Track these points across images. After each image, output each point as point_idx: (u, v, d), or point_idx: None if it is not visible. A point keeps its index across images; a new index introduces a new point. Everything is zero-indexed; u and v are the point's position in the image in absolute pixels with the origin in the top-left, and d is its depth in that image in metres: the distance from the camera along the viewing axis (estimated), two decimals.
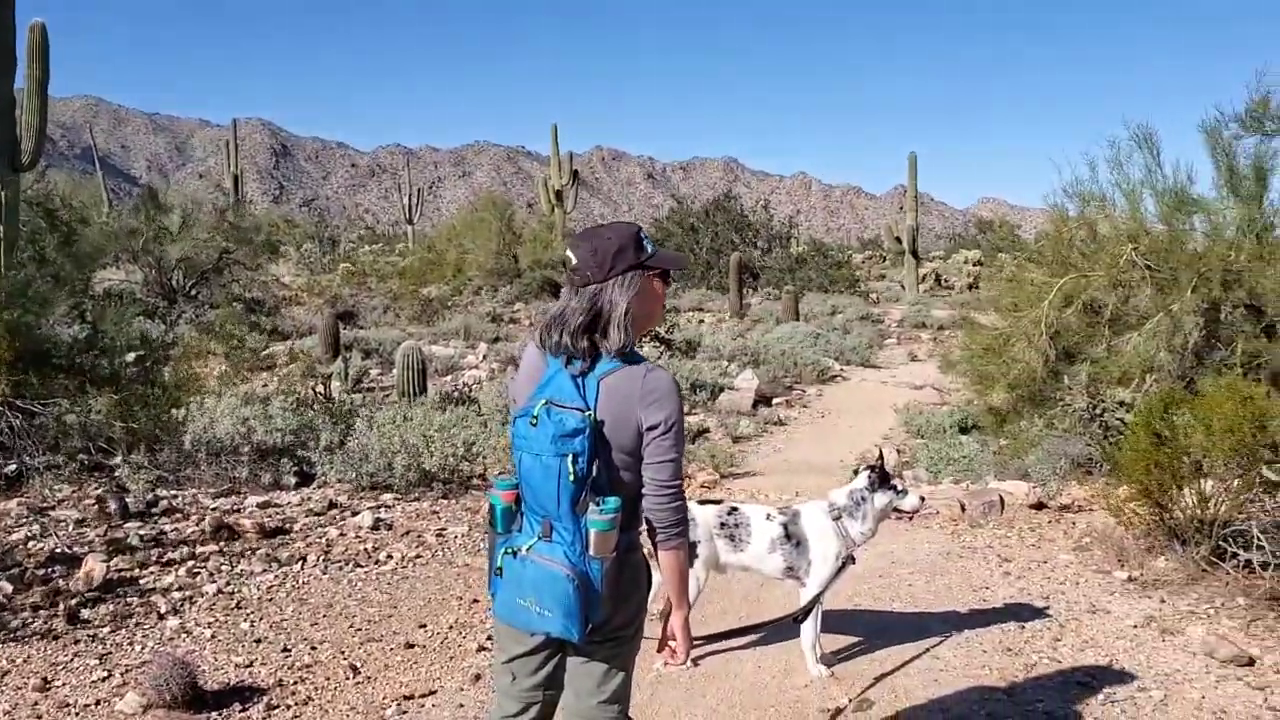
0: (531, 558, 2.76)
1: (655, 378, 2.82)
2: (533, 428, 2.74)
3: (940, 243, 68.66)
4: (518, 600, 2.79)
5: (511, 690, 3.02)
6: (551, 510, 2.75)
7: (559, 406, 2.74)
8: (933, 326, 28.03)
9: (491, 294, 29.55)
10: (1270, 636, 5.42)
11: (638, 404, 2.78)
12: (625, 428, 2.78)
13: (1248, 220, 9.99)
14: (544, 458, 2.72)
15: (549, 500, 2.74)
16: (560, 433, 2.70)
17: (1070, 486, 8.87)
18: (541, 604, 2.74)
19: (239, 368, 15.12)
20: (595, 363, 2.81)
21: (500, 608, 2.87)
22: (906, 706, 4.71)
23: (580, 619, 2.72)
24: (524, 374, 2.97)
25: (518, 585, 2.79)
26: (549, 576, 2.73)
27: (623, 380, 2.79)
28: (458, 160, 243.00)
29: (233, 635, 5.55)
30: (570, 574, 2.71)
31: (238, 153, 47.11)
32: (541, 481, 2.74)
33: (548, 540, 2.77)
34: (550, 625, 2.75)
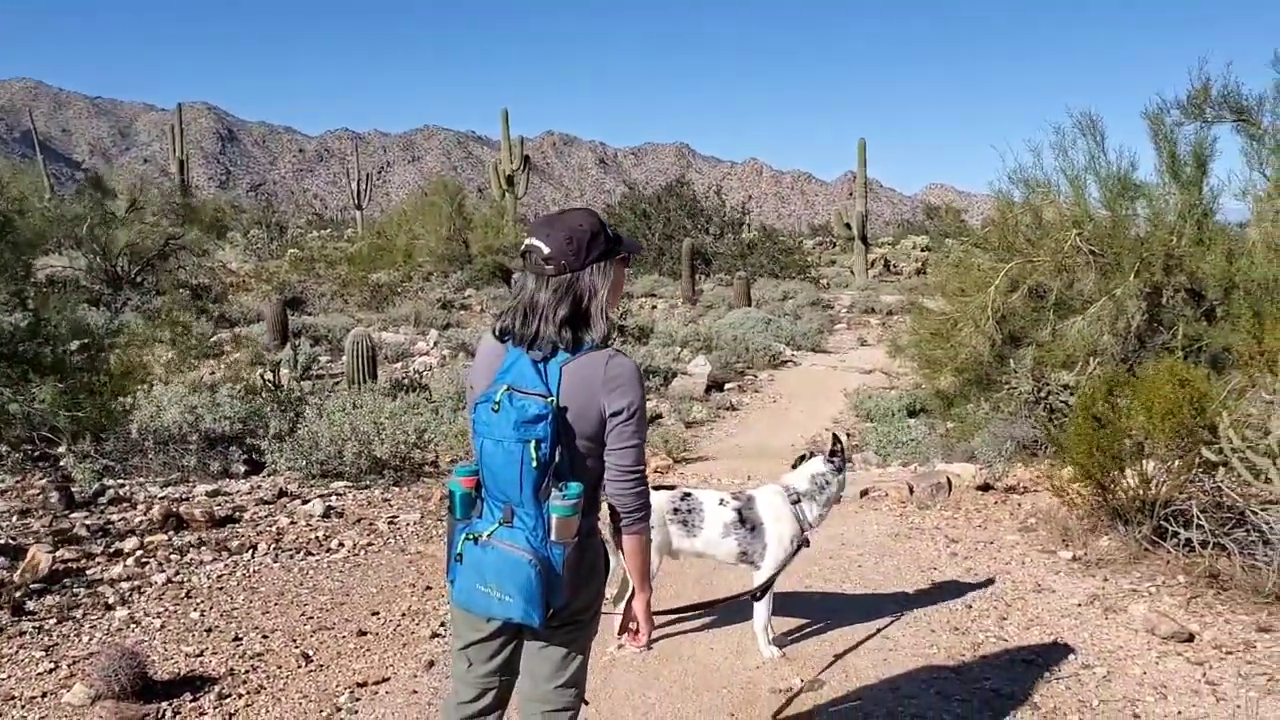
0: (493, 543, 2.75)
1: (618, 364, 2.80)
2: (494, 414, 2.72)
3: (889, 229, 69.25)
4: (478, 586, 2.78)
5: (468, 676, 3.04)
6: (513, 496, 2.74)
7: (521, 393, 2.72)
8: (882, 312, 28.28)
9: (442, 280, 29.32)
10: (1209, 613, 5.55)
11: (601, 390, 2.77)
12: (588, 414, 2.77)
13: (1188, 206, 10.18)
14: (506, 444, 2.71)
15: (511, 486, 2.73)
16: (522, 419, 2.68)
17: (1016, 468, 9.01)
18: (503, 590, 2.73)
19: (186, 355, 14.91)
20: (557, 349, 2.79)
21: (459, 594, 2.85)
22: (857, 686, 4.77)
23: (541, 604, 2.73)
24: (482, 362, 2.95)
25: (478, 571, 2.78)
26: (511, 562, 2.72)
27: (585, 366, 2.78)
28: (407, 145, 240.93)
29: (183, 625, 5.50)
30: (533, 559, 2.71)
31: (183, 137, 46.31)
32: (503, 467, 2.72)
33: (509, 526, 2.76)
34: (511, 611, 2.75)
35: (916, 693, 4.70)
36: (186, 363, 14.36)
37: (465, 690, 3.05)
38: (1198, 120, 10.35)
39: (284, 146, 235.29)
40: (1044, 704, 4.54)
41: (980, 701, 4.58)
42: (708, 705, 4.61)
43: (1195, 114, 10.35)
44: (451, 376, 13.73)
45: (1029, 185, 11.07)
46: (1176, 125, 10.40)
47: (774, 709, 4.54)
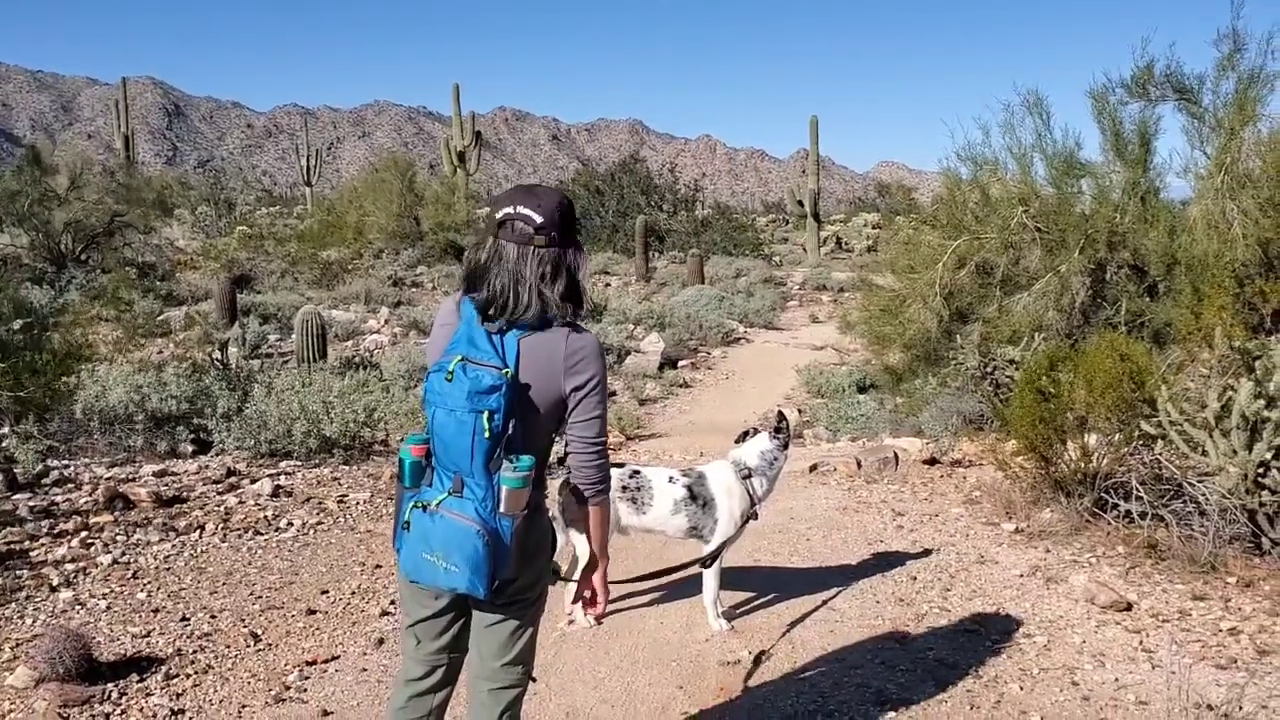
0: (441, 513, 2.72)
1: (580, 339, 2.80)
2: (448, 383, 2.69)
3: (841, 206, 69.59)
4: (424, 555, 2.74)
5: (417, 654, 3.04)
6: (464, 466, 2.71)
7: (475, 363, 2.69)
8: (833, 289, 28.44)
9: (393, 257, 29.09)
10: (1146, 582, 5.68)
11: (561, 365, 2.77)
12: (545, 388, 2.77)
13: (1132, 184, 10.33)
14: (458, 413, 2.68)
15: (462, 456, 2.70)
16: (476, 389, 2.65)
17: (961, 442, 9.13)
18: (449, 559, 2.70)
19: (132, 334, 14.69)
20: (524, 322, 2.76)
21: (406, 562, 2.81)
22: (804, 657, 4.84)
23: (487, 576, 2.70)
24: (439, 332, 2.93)
25: (425, 540, 2.74)
26: (459, 531, 2.69)
27: (545, 341, 2.77)
28: (357, 120, 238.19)
29: (129, 606, 5.45)
30: (481, 530, 2.68)
31: (128, 112, 45.41)
32: (455, 437, 2.70)
33: (458, 496, 2.73)
34: (456, 581, 2.71)
35: (862, 663, 4.77)
36: (133, 341, 14.15)
37: (414, 668, 3.05)
38: (1141, 99, 10.49)
39: (232, 122, 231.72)
40: (986, 673, 4.62)
41: (924, 671, 4.66)
42: (657, 678, 4.65)
43: (1139, 93, 10.49)
44: (402, 355, 13.66)
45: (977, 163, 11.18)
46: (1121, 104, 10.55)
47: (723, 681, 4.59)
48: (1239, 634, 4.93)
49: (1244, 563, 5.73)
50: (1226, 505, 5.78)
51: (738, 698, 4.43)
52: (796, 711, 4.29)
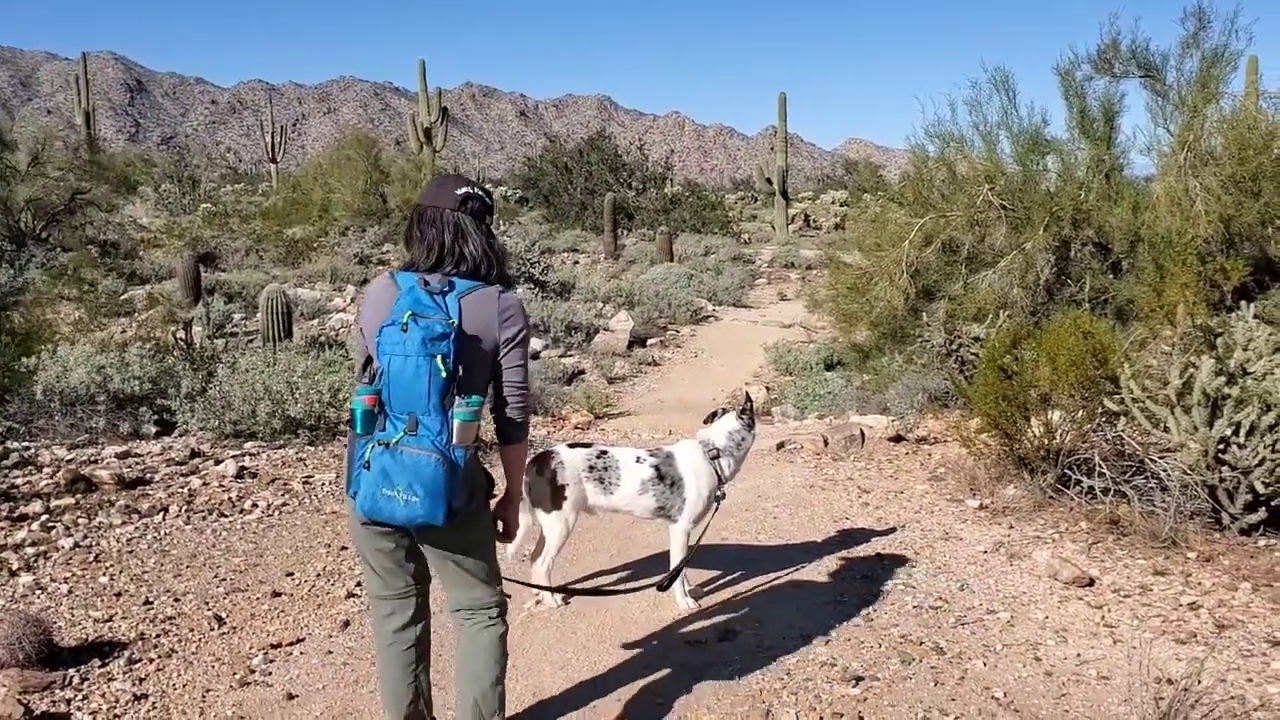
0: (401, 449, 3.04)
1: (508, 298, 3.28)
2: (403, 333, 3.04)
3: (809, 184, 69.63)
4: (383, 491, 3.04)
5: (386, 593, 3.46)
6: (419, 406, 3.06)
7: (424, 317, 3.06)
8: (801, 266, 28.50)
9: (359, 235, 28.80)
10: (1109, 558, 5.75)
11: (495, 319, 3.21)
12: (483, 338, 3.19)
13: (1097, 160, 10.41)
14: (414, 358, 3.03)
15: (418, 398, 3.05)
16: (429, 336, 3.03)
17: (927, 419, 9.19)
18: (410, 490, 3.02)
19: (94, 314, 14.54)
20: (455, 283, 3.20)
21: (364, 501, 3.09)
22: (770, 634, 4.86)
23: (445, 501, 3.04)
24: (374, 305, 3.26)
25: (386, 475, 3.04)
26: (420, 462, 3.03)
27: (481, 299, 3.21)
28: (323, 97, 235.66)
29: (91, 590, 5.39)
30: (440, 459, 3.03)
31: (89, 88, 44.81)
32: (412, 380, 3.05)
33: (413, 434, 3.06)
34: (415, 511, 3.04)
35: (828, 639, 4.80)
36: (95, 321, 14.01)
37: (386, 608, 3.48)
38: (1107, 75, 10.57)
39: (195, 98, 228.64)
40: (950, 648, 4.66)
41: (889, 647, 4.69)
42: (624, 658, 4.66)
43: (1105, 69, 10.56)
44: None
45: (944, 140, 11.23)
46: (1086, 80, 10.62)
47: (690, 660, 4.61)
48: (1199, 608, 5.00)
49: (1204, 538, 5.80)
50: (1187, 481, 5.85)
51: (705, 676, 4.44)
52: (763, 688, 4.30)
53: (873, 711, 4.09)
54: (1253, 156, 9.19)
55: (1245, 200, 9.19)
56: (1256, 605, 5.01)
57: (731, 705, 4.17)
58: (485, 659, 3.43)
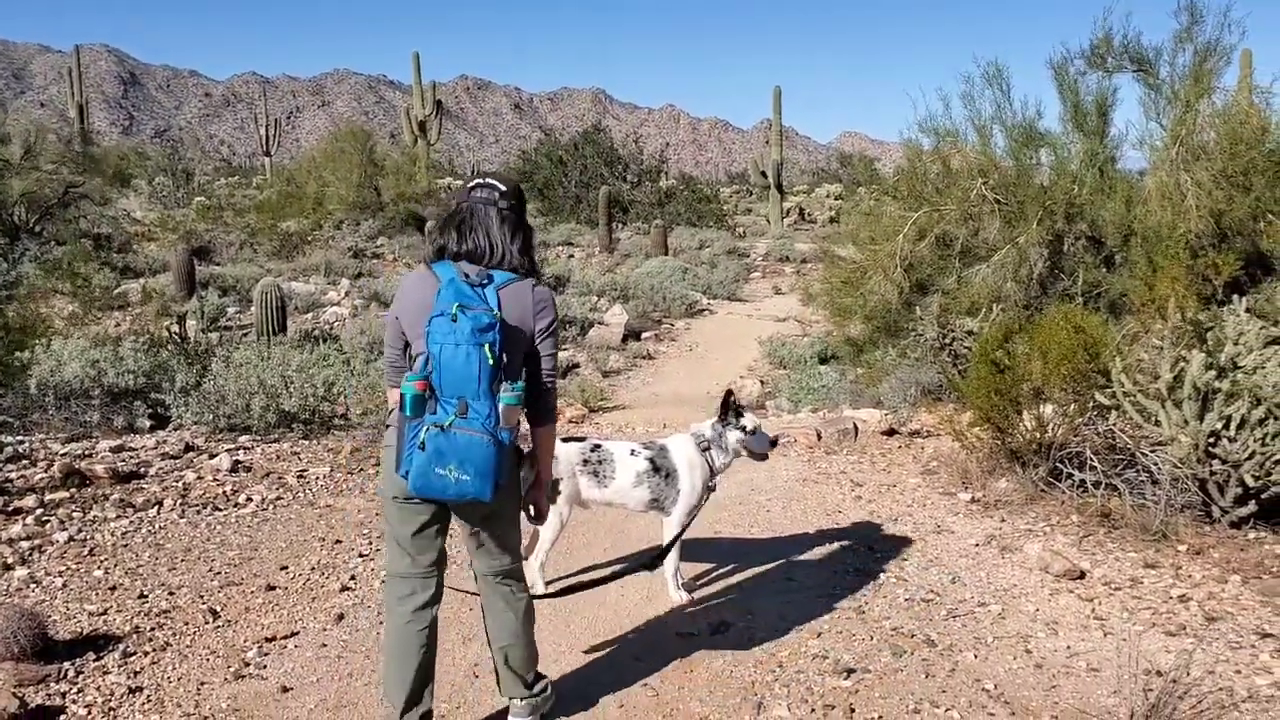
0: (454, 430, 3.28)
1: (542, 291, 3.58)
2: (453, 324, 3.29)
3: (804, 177, 69.61)
4: (436, 470, 3.29)
5: (411, 571, 3.65)
6: (469, 391, 3.30)
7: (470, 309, 3.31)
8: (796, 260, 28.50)
9: (353, 228, 28.78)
10: (1099, 551, 5.78)
11: (530, 310, 3.50)
12: (520, 328, 3.46)
13: (1090, 154, 10.41)
14: (464, 347, 3.28)
15: (468, 383, 3.30)
16: (478, 326, 3.28)
17: (920, 413, 9.21)
18: (462, 469, 3.28)
19: (88, 307, 14.51)
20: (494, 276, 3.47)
21: (416, 479, 3.31)
22: (763, 627, 4.88)
23: (493, 479, 3.31)
24: (412, 296, 3.52)
25: (440, 455, 3.28)
26: (473, 442, 3.28)
27: (517, 292, 3.49)
28: (316, 89, 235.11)
29: (86, 584, 5.40)
30: (490, 439, 3.29)
31: (82, 81, 44.76)
32: (463, 367, 3.29)
33: (464, 417, 3.30)
34: (465, 489, 3.30)
35: (820, 632, 4.83)
36: (89, 315, 13.98)
37: (406, 586, 3.66)
38: (1100, 70, 10.56)
39: (189, 91, 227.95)
40: (941, 641, 4.69)
41: (881, 640, 4.72)
42: (617, 650, 4.68)
43: (1098, 63, 10.56)
44: (363, 327, 13.55)
45: (938, 134, 11.22)
46: (1080, 74, 10.62)
47: (682, 652, 4.63)
48: (1188, 601, 5.03)
49: (1194, 531, 5.84)
50: (1178, 474, 5.88)
51: (697, 668, 4.47)
52: (755, 681, 4.33)
53: (864, 703, 4.12)
54: (1244, 151, 9.20)
55: (1237, 195, 9.21)
56: (1246, 598, 5.04)
57: (724, 698, 4.20)
58: (512, 628, 3.78)
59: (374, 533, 6.38)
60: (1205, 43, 9.72)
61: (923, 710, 4.05)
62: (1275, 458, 5.58)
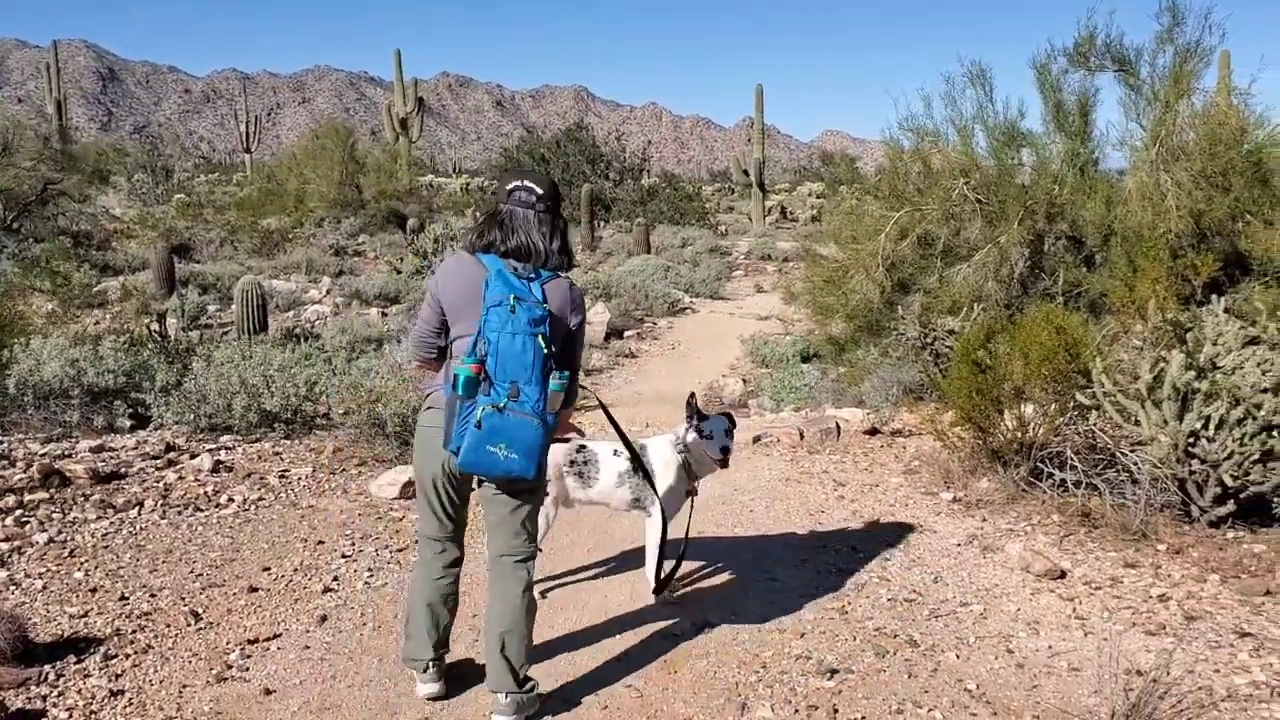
0: (509, 412, 3.59)
1: (577, 290, 3.89)
2: (511, 314, 3.60)
3: (786, 175, 69.73)
4: (487, 447, 3.59)
5: (443, 535, 4.04)
6: (522, 377, 3.60)
7: (524, 301, 3.63)
8: (778, 258, 28.54)
9: (334, 226, 28.68)
10: (1080, 550, 5.81)
11: (568, 306, 3.80)
12: (561, 321, 3.77)
13: (1072, 154, 10.46)
14: (521, 336, 3.60)
15: (522, 369, 3.60)
16: (532, 318, 3.61)
17: (902, 412, 9.23)
18: (511, 448, 3.59)
19: (67, 306, 14.40)
20: (541, 270, 3.77)
21: (467, 454, 3.60)
22: (745, 627, 4.90)
23: (538, 459, 3.66)
24: (457, 275, 3.82)
25: (493, 434, 3.58)
26: (523, 424, 3.60)
27: (558, 288, 3.80)
28: (297, 86, 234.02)
29: (66, 585, 5.36)
30: (538, 422, 3.62)
31: (60, 76, 44.44)
32: (519, 354, 3.59)
33: (515, 400, 3.60)
34: (512, 466, 3.63)
35: (803, 632, 4.84)
36: (68, 313, 13.87)
37: (436, 548, 4.05)
38: (1082, 69, 10.61)
39: (169, 87, 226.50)
40: (924, 641, 4.71)
41: (864, 640, 4.73)
42: (600, 649, 4.68)
43: (1080, 63, 10.60)
44: (344, 325, 13.50)
45: (919, 134, 11.25)
46: (1062, 74, 10.66)
47: (666, 652, 4.63)
48: (1168, 600, 5.06)
49: (1174, 530, 5.88)
50: (1158, 474, 5.92)
51: (681, 669, 4.47)
52: (739, 681, 4.34)
53: (847, 704, 4.13)
54: (1224, 152, 9.26)
55: (1216, 195, 9.27)
56: (1224, 597, 5.08)
57: (708, 698, 4.20)
58: (513, 612, 3.91)
59: (357, 534, 6.36)
60: (1186, 44, 9.78)
61: (906, 711, 4.07)
62: (1253, 457, 5.62)
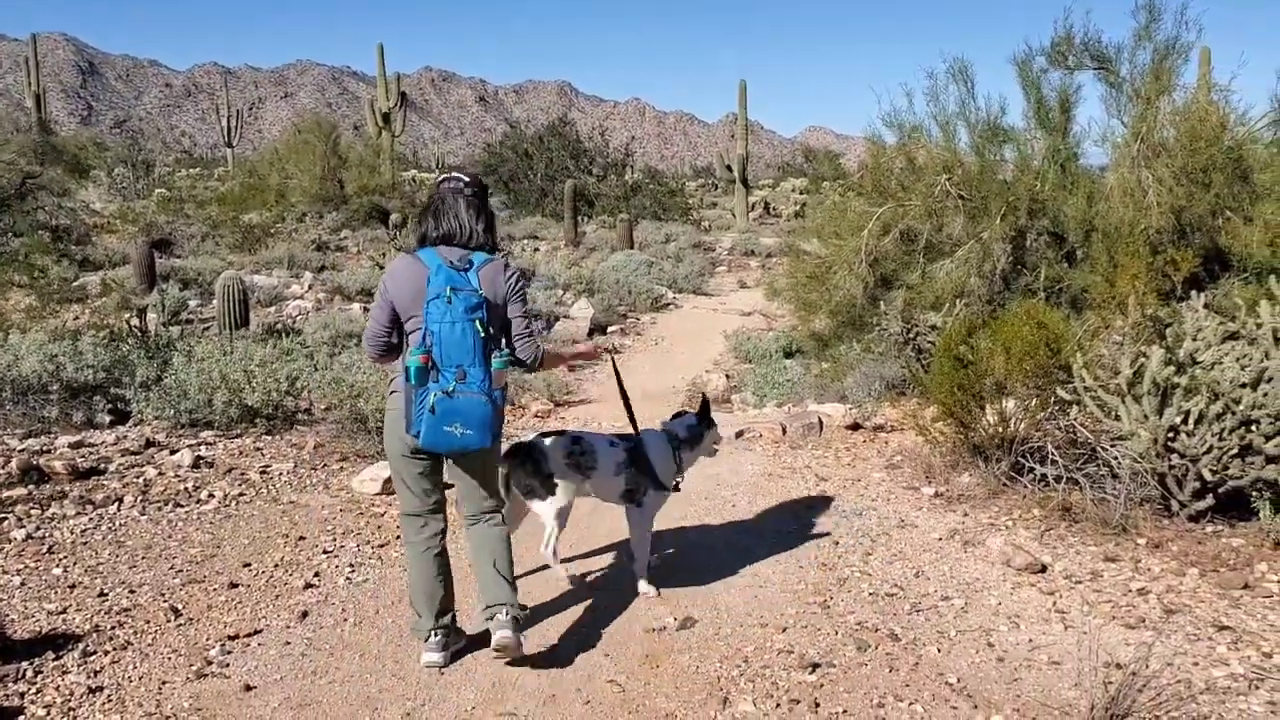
0: (457, 395, 4.05)
1: (512, 266, 4.34)
2: (448, 305, 4.03)
3: (770, 171, 69.76)
4: (444, 428, 4.06)
5: (422, 506, 4.40)
6: (465, 360, 4.06)
7: (460, 290, 4.07)
8: (761, 254, 28.59)
9: (316, 221, 28.60)
10: (1061, 545, 5.84)
11: (502, 281, 4.21)
12: (497, 299, 4.19)
13: (1053, 151, 10.50)
14: (459, 324, 4.05)
15: (464, 354, 4.06)
16: (469, 306, 4.06)
17: (884, 408, 9.26)
18: (465, 425, 4.06)
19: (47, 300, 14.30)
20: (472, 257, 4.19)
21: (427, 436, 4.07)
22: (728, 622, 4.90)
23: (490, 431, 4.14)
24: (403, 275, 4.18)
25: (446, 415, 4.04)
26: (473, 403, 4.07)
27: (492, 269, 4.21)
28: (279, 80, 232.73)
29: (44, 582, 5.33)
30: (486, 400, 4.10)
31: (39, 69, 44.15)
32: (460, 340, 4.05)
33: (463, 382, 4.06)
34: (468, 441, 4.10)
35: (786, 626, 4.85)
36: (47, 308, 13.78)
37: (417, 519, 4.42)
38: (1062, 67, 10.65)
39: (150, 81, 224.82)
40: (905, 635, 4.73)
41: (845, 634, 4.75)
42: (584, 645, 4.68)
43: (1059, 61, 10.64)
44: (326, 321, 13.46)
45: (902, 130, 11.27)
46: (1042, 71, 10.70)
47: (649, 648, 4.64)
48: (1148, 594, 5.09)
49: (1154, 524, 5.91)
50: (1138, 469, 5.95)
51: (663, 664, 4.48)
52: (721, 676, 4.34)
53: (829, 698, 4.14)
54: (1204, 148, 9.30)
55: (1196, 191, 9.32)
56: (1203, 590, 5.11)
57: (690, 693, 4.21)
58: (497, 544, 4.40)
59: (338, 529, 6.34)
60: (1164, 41, 9.83)
61: (887, 704, 4.08)
62: (1232, 452, 5.66)
